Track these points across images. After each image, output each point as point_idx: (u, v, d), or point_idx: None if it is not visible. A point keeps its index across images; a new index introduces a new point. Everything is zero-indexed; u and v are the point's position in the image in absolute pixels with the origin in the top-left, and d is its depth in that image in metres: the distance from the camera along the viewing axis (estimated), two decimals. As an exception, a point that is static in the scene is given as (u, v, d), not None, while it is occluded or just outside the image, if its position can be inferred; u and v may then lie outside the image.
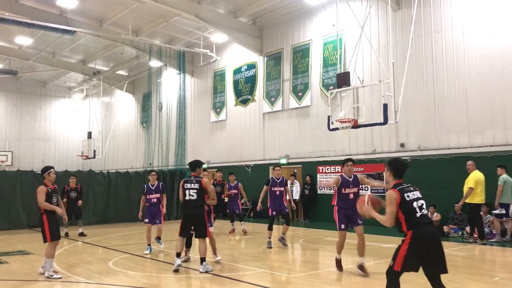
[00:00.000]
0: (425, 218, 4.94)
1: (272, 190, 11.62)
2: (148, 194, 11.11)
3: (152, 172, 11.55)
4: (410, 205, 4.89)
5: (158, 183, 11.33)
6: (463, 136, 14.24)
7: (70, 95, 35.74)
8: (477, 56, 14.03)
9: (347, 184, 8.35)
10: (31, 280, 8.06)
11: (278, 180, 11.67)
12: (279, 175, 11.73)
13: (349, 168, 8.44)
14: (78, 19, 21.23)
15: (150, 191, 11.15)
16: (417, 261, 4.89)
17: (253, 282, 7.68)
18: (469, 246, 11.70)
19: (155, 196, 11.12)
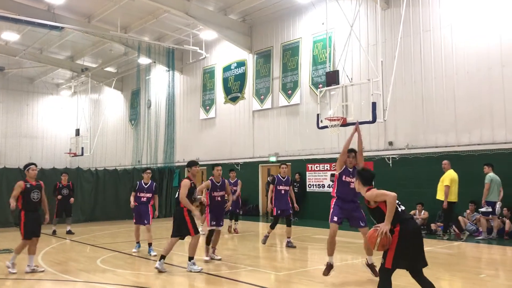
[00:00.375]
0: (405, 213, 5.31)
1: (278, 189, 11.29)
2: (139, 192, 10.65)
3: (148, 170, 11.04)
4: (399, 205, 5.22)
5: (151, 182, 10.83)
6: (450, 134, 14.37)
7: (58, 92, 35.42)
8: (465, 55, 14.16)
9: (348, 173, 7.96)
10: (17, 278, 7.98)
11: (283, 178, 11.36)
12: (285, 174, 11.42)
13: (350, 160, 8.10)
14: (66, 15, 21.03)
15: (142, 189, 10.67)
16: (407, 257, 5.07)
17: (242, 280, 7.68)
18: (455, 244, 11.82)
19: (146, 195, 10.65)
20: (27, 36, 23.81)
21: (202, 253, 9.58)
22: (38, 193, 8.57)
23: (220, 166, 10.07)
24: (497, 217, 12.39)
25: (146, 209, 10.64)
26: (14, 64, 29.00)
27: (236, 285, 7.52)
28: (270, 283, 7.67)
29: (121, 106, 30.77)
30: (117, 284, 7.56)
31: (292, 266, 9.16)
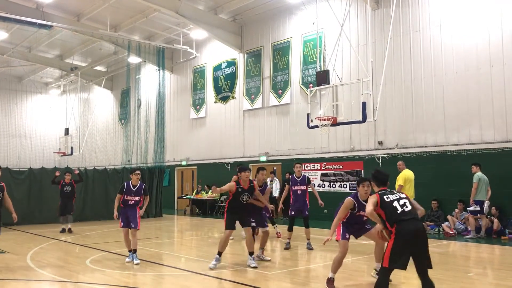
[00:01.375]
0: (406, 213, 5.36)
1: (293, 190, 10.93)
2: (126, 195, 9.49)
3: (137, 171, 9.78)
4: (390, 205, 5.45)
5: (140, 184, 9.66)
6: (439, 134, 14.47)
7: (47, 90, 35.13)
8: (454, 55, 14.28)
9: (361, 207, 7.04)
10: (5, 279, 7.90)
11: (298, 178, 10.98)
12: (299, 173, 11.04)
13: (365, 189, 7.10)
14: (55, 13, 20.85)
15: (130, 192, 9.50)
16: (404, 257, 5.20)
17: (232, 279, 7.67)
18: (445, 243, 11.90)
19: (135, 198, 9.54)
20: (16, 34, 23.57)
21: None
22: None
23: (249, 171, 8.96)
24: (485, 216, 12.50)
25: (134, 213, 9.51)
26: (2, 63, 28.71)
27: (223, 284, 7.51)
28: (260, 282, 7.66)
29: (111, 105, 30.59)
30: (106, 284, 7.51)
31: (282, 266, 9.16)
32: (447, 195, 13.91)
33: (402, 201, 5.50)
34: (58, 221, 15.46)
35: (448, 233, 12.95)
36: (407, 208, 5.41)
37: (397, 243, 5.19)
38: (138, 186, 9.63)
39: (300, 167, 11.24)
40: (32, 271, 8.52)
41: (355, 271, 8.35)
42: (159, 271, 8.63)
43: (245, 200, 8.73)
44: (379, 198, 5.54)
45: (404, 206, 5.43)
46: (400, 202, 5.48)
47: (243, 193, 8.71)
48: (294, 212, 10.97)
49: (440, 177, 14.21)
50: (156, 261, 9.51)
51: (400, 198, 5.54)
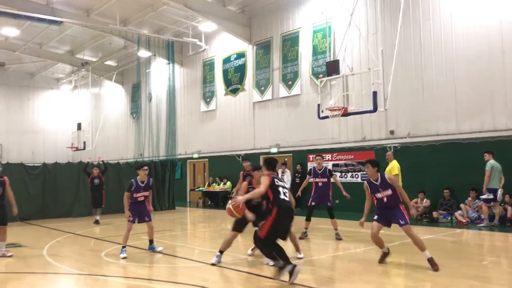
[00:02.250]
0: (285, 201, 6.76)
1: (315, 182, 10.96)
2: (135, 193, 9.43)
3: (145, 167, 9.79)
4: (277, 188, 6.74)
5: (148, 179, 9.68)
6: (451, 122, 14.36)
7: (59, 86, 35.42)
8: (465, 42, 14.12)
9: (376, 189, 7.69)
10: (24, 272, 8.05)
11: (320, 170, 10.89)
12: (320, 165, 10.96)
13: (371, 171, 7.76)
14: (65, 9, 20.98)
15: (139, 189, 9.46)
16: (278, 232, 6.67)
17: (246, 270, 7.74)
18: (458, 231, 11.86)
19: (144, 194, 9.56)
20: (27, 31, 23.78)
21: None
22: (0, 188, 9.44)
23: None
24: (499, 204, 12.42)
25: (144, 207, 9.58)
26: (14, 60, 28.99)
27: (237, 274, 7.58)
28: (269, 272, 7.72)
29: (122, 99, 30.77)
30: (122, 277, 7.63)
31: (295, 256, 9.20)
32: (460, 183, 13.82)
33: (285, 189, 6.85)
34: (72, 215, 15.87)
35: (461, 221, 12.90)
36: (287, 198, 6.80)
37: (275, 222, 6.56)
38: (146, 182, 9.61)
39: (320, 159, 11.14)
40: (49, 265, 8.67)
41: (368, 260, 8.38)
42: (173, 263, 8.73)
43: (257, 201, 7.56)
44: (271, 179, 6.74)
45: (284, 195, 6.77)
46: (284, 190, 6.81)
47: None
48: (315, 203, 10.98)
49: (452, 165, 14.13)
50: (170, 253, 9.62)
51: (284, 186, 6.87)
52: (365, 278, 7.17)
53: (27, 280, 7.50)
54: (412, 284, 6.49)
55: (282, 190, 6.76)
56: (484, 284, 6.58)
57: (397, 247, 9.50)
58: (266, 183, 6.69)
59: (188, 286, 6.81)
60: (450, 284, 6.51)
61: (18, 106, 33.60)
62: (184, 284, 6.92)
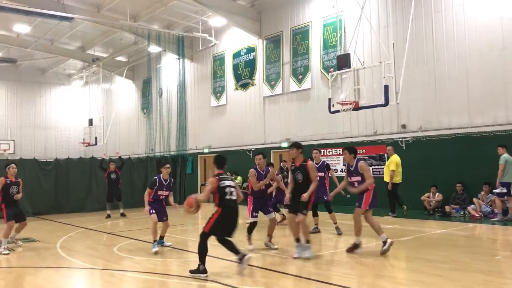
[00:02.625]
0: (231, 202, 7.16)
1: None
2: (159, 190, 9.39)
3: (167, 165, 9.73)
4: (224, 190, 7.12)
5: (169, 179, 9.64)
6: (464, 116, 14.22)
7: (70, 82, 35.65)
8: (477, 35, 13.94)
9: (350, 173, 8.60)
10: (38, 267, 8.15)
11: (317, 165, 10.68)
12: (318, 159, 10.92)
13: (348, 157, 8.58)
14: (76, 5, 21.07)
15: (162, 187, 9.41)
16: (220, 230, 7.13)
17: (257, 265, 7.75)
18: (471, 226, 11.78)
19: (165, 193, 9.51)
20: (38, 27, 23.94)
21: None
22: (16, 187, 9.98)
23: (261, 154, 9.26)
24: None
25: (163, 207, 9.62)
26: (26, 56, 29.22)
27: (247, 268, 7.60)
28: (284, 267, 7.73)
29: (133, 95, 30.90)
30: (134, 271, 7.69)
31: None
32: (472, 177, 13.70)
33: (232, 189, 7.20)
34: (84, 210, 16.08)
35: (474, 216, 12.80)
36: (233, 197, 7.19)
37: (219, 220, 7.08)
38: (168, 180, 9.58)
39: (317, 153, 11.13)
40: (62, 259, 8.77)
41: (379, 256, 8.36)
42: (185, 257, 8.79)
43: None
44: (218, 182, 7.15)
45: (231, 195, 7.16)
46: (231, 190, 7.17)
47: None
48: (314, 198, 10.83)
49: (465, 159, 14.00)
50: (182, 247, 9.68)
51: (230, 186, 7.19)
52: (377, 272, 7.15)
53: (42, 274, 7.59)
54: (424, 279, 6.46)
55: (229, 190, 7.16)
56: (497, 279, 6.53)
57: (410, 242, 9.46)
58: (209, 188, 7.21)
59: (200, 280, 6.84)
60: (463, 278, 6.47)
61: (30, 102, 33.91)
62: (197, 278, 6.95)
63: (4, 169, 10.22)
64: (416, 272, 6.86)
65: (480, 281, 6.38)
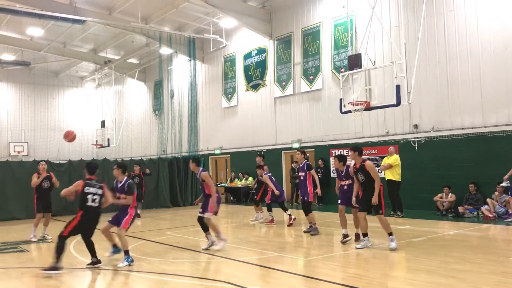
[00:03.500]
0: (91, 208, 7.75)
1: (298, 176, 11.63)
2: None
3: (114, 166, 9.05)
4: (86, 196, 7.72)
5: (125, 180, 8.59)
6: (477, 115, 14.08)
7: (82, 84, 35.98)
8: (490, 33, 13.80)
9: (340, 177, 9.82)
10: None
11: (300, 165, 11.37)
12: (300, 160, 11.35)
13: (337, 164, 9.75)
14: (88, 8, 21.27)
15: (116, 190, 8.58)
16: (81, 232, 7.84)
17: (269, 266, 7.76)
18: (484, 226, 11.65)
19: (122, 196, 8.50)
20: (51, 30, 24.21)
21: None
22: (47, 181, 11.65)
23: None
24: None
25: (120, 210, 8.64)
26: (39, 59, 29.54)
27: (260, 270, 7.60)
28: (297, 268, 7.72)
29: (145, 96, 31.09)
30: (146, 272, 7.73)
31: (318, 252, 9.19)
32: (486, 177, 13.56)
33: (95, 196, 7.73)
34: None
35: (488, 216, 12.66)
36: (95, 204, 7.74)
37: (78, 225, 7.69)
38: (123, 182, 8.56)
39: (299, 154, 11.41)
40: (76, 260, 8.85)
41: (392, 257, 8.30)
42: (197, 259, 8.81)
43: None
44: (83, 185, 7.77)
45: (93, 202, 7.71)
46: (94, 197, 7.71)
47: None
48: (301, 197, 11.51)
49: (478, 159, 13.86)
50: (194, 248, 9.71)
51: (96, 193, 7.75)
52: (390, 273, 7.12)
53: (56, 275, 7.66)
54: (438, 280, 6.41)
55: (91, 197, 7.72)
56: (511, 280, 6.45)
57: (422, 242, 9.40)
58: (74, 188, 7.88)
59: (212, 281, 6.86)
60: (477, 280, 6.41)
61: (43, 104, 34.28)
62: (208, 279, 6.98)
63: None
64: (429, 273, 6.80)
65: (494, 283, 6.31)
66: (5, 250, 10.21)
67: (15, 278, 7.58)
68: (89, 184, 7.79)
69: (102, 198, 7.91)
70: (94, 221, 7.87)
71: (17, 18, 21.31)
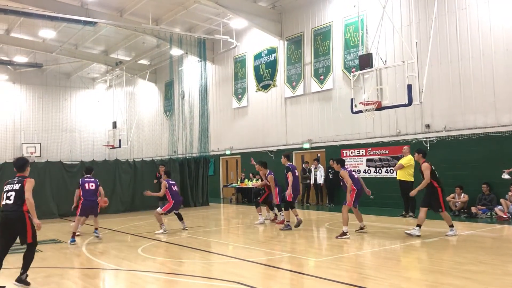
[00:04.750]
0: (7, 205, 6.59)
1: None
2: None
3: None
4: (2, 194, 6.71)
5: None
6: (490, 115, 13.93)
7: (94, 86, 36.25)
8: (503, 32, 13.64)
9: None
10: (64, 267, 8.29)
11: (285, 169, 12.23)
12: (284, 163, 12.42)
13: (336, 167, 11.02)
14: (99, 10, 21.43)
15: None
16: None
17: (280, 267, 7.74)
18: (498, 227, 11.52)
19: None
20: (63, 32, 24.43)
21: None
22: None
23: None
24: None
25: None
26: (52, 61, 29.83)
27: (271, 271, 7.59)
28: (308, 269, 7.69)
29: (156, 97, 31.23)
30: (158, 272, 7.75)
31: (329, 253, 9.15)
32: (499, 178, 13.31)
33: (10, 193, 6.64)
34: (109, 212, 17.06)
35: (502, 217, 12.51)
36: (9, 201, 6.59)
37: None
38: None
39: (283, 158, 12.65)
40: (87, 260, 8.90)
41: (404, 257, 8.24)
42: (208, 259, 8.82)
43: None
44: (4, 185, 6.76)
45: (7, 199, 6.62)
46: (8, 194, 6.63)
47: None
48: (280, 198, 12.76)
49: (491, 159, 13.71)
50: (204, 249, 9.72)
51: (9, 190, 6.65)
52: (403, 274, 7.06)
53: (68, 275, 7.72)
54: (452, 281, 6.34)
55: (5, 195, 6.69)
56: (527, 282, 6.37)
57: (435, 243, 9.31)
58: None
59: (223, 281, 6.85)
60: (491, 281, 6.33)
61: (56, 106, 34.59)
62: (219, 279, 6.98)
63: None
64: (443, 274, 6.73)
65: (509, 284, 6.23)
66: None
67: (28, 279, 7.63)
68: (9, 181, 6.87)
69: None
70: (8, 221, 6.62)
71: (29, 20, 21.53)
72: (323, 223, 13.37)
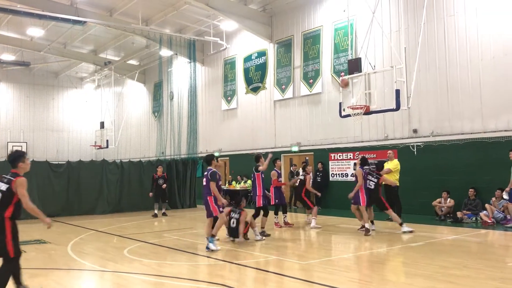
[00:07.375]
0: None
1: None
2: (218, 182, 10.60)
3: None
4: None
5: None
6: (476, 121, 14.09)
7: (82, 85, 35.99)
8: (490, 39, 13.82)
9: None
10: (49, 268, 8.21)
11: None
12: (278, 167, 13.23)
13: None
14: (88, 9, 21.29)
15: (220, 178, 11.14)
16: None
17: (267, 269, 7.73)
18: (483, 232, 11.64)
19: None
20: (51, 31, 24.22)
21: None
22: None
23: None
24: (526, 205, 12.14)
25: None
26: (39, 59, 29.54)
27: (258, 273, 7.58)
28: (294, 272, 7.71)
29: (144, 98, 31.08)
30: (144, 274, 7.71)
31: (316, 256, 9.18)
32: (485, 183, 13.55)
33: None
34: (95, 212, 16.85)
35: (486, 222, 12.64)
36: None
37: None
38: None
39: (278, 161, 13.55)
40: (73, 261, 8.83)
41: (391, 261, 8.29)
42: (194, 261, 8.79)
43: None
44: None
45: None
46: None
47: None
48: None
49: (477, 164, 13.87)
50: (191, 251, 9.69)
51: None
52: (388, 278, 7.10)
53: (53, 276, 7.64)
54: (436, 285, 6.39)
55: None
56: (509, 286, 6.43)
57: (421, 247, 9.38)
58: None
59: (209, 284, 6.83)
60: (475, 285, 6.39)
61: (43, 105, 34.26)
62: (206, 282, 6.95)
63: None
64: (427, 278, 6.79)
65: (492, 288, 6.30)
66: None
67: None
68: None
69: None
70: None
71: (17, 18, 21.30)
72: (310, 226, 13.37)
